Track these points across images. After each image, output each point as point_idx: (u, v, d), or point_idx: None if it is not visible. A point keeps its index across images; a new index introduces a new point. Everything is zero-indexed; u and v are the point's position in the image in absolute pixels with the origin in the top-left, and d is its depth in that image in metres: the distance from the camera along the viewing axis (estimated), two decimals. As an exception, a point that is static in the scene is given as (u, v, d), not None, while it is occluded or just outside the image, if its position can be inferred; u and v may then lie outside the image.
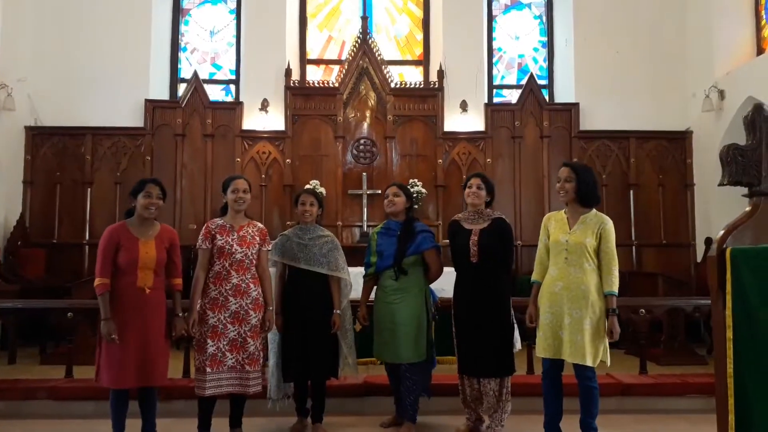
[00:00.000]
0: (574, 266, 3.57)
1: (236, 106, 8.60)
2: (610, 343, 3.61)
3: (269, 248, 3.97)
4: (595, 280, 3.55)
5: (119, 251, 3.50)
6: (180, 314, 3.63)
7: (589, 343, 3.49)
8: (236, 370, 3.67)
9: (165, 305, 3.63)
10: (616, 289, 3.53)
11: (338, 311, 4.03)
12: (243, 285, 3.73)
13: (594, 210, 3.68)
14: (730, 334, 2.23)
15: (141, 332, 3.48)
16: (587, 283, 3.53)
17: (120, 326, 3.44)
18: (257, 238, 3.86)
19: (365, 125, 8.61)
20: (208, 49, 9.22)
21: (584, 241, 3.55)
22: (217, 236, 3.75)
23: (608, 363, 3.60)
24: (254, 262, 3.82)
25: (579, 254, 3.56)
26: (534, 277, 3.81)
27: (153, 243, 3.56)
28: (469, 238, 3.93)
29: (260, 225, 3.98)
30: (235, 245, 3.75)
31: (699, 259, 8.12)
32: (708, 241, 7.66)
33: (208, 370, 3.61)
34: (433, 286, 4.36)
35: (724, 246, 2.27)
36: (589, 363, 3.49)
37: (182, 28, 9.18)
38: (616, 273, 3.56)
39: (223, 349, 3.66)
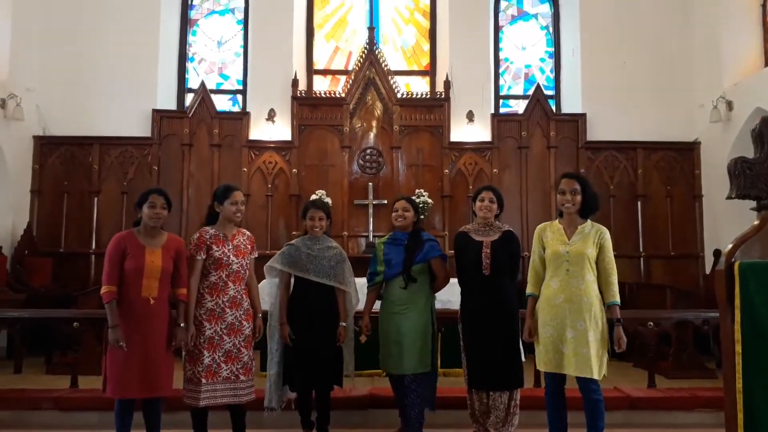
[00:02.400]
0: (576, 278, 3.53)
1: (243, 116, 8.63)
2: (617, 356, 3.58)
3: (256, 255, 3.97)
4: (596, 291, 3.53)
5: (126, 259, 3.51)
6: (182, 324, 3.61)
7: (594, 355, 3.46)
8: (230, 380, 3.68)
9: (169, 315, 3.62)
10: (618, 299, 3.51)
11: (344, 323, 4.03)
12: (238, 296, 3.76)
13: (589, 221, 3.67)
14: (739, 348, 2.21)
15: (144, 342, 3.47)
16: (590, 295, 3.50)
17: (124, 335, 3.45)
18: (249, 247, 3.89)
19: (371, 135, 8.62)
20: (215, 59, 9.27)
21: (585, 252, 3.53)
22: (213, 247, 3.74)
23: (606, 374, 3.56)
24: (248, 271, 3.84)
25: (580, 265, 3.53)
26: (530, 290, 3.74)
27: (159, 252, 3.57)
28: (482, 251, 3.89)
29: (248, 233, 3.98)
30: (231, 256, 3.76)
31: (708, 270, 8.06)
32: (717, 253, 7.60)
33: (204, 381, 3.60)
34: (440, 297, 4.35)
35: (733, 260, 2.25)
36: (595, 376, 3.45)
37: (190, 38, 9.24)
38: (617, 283, 3.55)
39: (218, 361, 3.66)
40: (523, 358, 4.12)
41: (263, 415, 4.05)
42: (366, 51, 8.62)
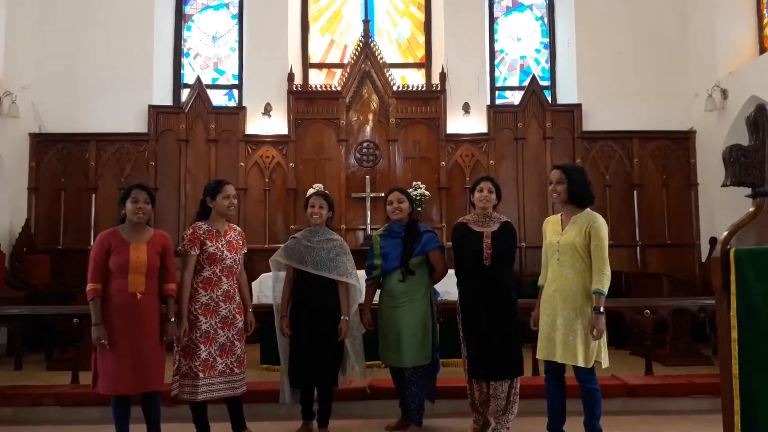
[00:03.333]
0: (566, 267, 3.58)
1: (239, 110, 8.62)
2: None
3: (245, 251, 3.99)
4: (587, 280, 3.53)
5: (111, 256, 3.50)
6: (172, 319, 3.61)
7: (582, 343, 3.49)
8: (225, 374, 3.72)
9: (159, 310, 3.62)
10: (603, 287, 3.48)
11: (346, 318, 4.01)
12: (231, 290, 3.80)
13: (587, 210, 3.67)
14: (734, 334, 2.23)
15: (134, 338, 3.47)
16: (578, 284, 3.54)
17: (112, 331, 3.44)
18: (240, 243, 3.92)
19: (368, 128, 8.62)
20: (210, 54, 9.25)
21: (573, 241, 3.55)
22: (207, 242, 3.75)
23: (604, 364, 3.56)
24: (239, 266, 3.87)
25: (570, 255, 3.56)
26: (540, 281, 3.82)
27: (144, 247, 3.56)
28: (483, 241, 3.90)
29: (239, 228, 4.01)
30: (225, 251, 3.78)
31: (704, 258, 8.11)
32: (713, 241, 7.64)
33: (201, 375, 3.62)
34: (439, 289, 4.36)
35: (728, 247, 2.27)
36: (581, 364, 3.48)
37: (185, 33, 9.22)
38: (606, 272, 3.50)
39: (214, 354, 3.69)
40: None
41: (265, 406, 4.09)
42: (361, 44, 8.61)
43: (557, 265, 3.61)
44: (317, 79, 9.27)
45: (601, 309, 3.47)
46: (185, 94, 8.81)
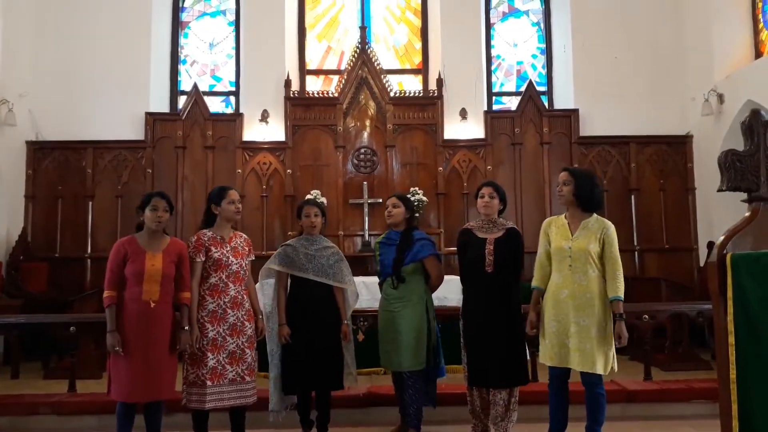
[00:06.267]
0: (579, 273, 3.54)
1: (236, 117, 8.63)
2: (615, 349, 3.58)
3: (253, 258, 3.98)
4: (601, 287, 3.52)
5: (127, 263, 3.53)
6: (185, 328, 3.61)
7: (599, 350, 3.47)
8: (236, 382, 3.69)
9: (172, 319, 3.62)
10: (621, 294, 3.49)
11: (347, 322, 4.07)
12: (239, 297, 3.77)
13: (595, 215, 3.66)
14: (732, 339, 2.23)
15: (146, 346, 3.48)
16: (593, 290, 3.51)
17: (126, 339, 3.46)
18: (246, 249, 3.91)
19: (365, 134, 8.63)
20: (207, 61, 9.26)
21: (588, 248, 3.53)
22: (212, 248, 3.75)
23: (615, 369, 3.57)
24: (247, 273, 3.86)
25: (583, 261, 3.53)
26: (534, 283, 3.77)
27: (160, 256, 3.58)
28: (485, 248, 3.87)
29: (245, 236, 4.01)
30: (230, 257, 3.77)
31: (702, 263, 8.10)
32: (710, 245, 7.63)
33: (209, 383, 3.61)
34: (436, 295, 4.35)
35: (725, 251, 2.27)
36: (599, 371, 3.46)
37: (182, 40, 9.22)
38: (621, 278, 3.51)
39: (223, 362, 3.66)
40: (527, 357, 4.14)
41: (263, 414, 4.06)
42: (358, 50, 8.63)
43: (569, 271, 3.56)
44: (314, 85, 9.28)
45: (623, 315, 3.47)
46: (182, 101, 8.82)
